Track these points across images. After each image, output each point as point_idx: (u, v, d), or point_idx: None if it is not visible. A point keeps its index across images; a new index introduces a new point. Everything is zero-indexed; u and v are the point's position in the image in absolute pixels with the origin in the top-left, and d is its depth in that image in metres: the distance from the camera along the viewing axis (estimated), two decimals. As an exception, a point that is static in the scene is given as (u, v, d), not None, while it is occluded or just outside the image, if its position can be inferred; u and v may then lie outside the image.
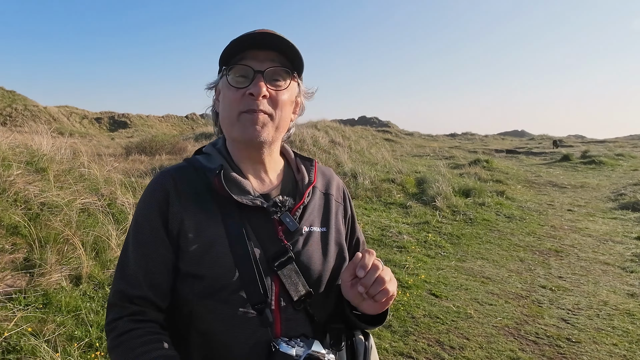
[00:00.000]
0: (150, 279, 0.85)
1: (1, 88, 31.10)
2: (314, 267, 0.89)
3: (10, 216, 3.41)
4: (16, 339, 2.36)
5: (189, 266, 0.84)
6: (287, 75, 0.89)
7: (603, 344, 3.02)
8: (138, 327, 0.82)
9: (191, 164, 0.93)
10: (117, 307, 0.85)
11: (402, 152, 17.39)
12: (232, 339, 0.82)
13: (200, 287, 0.83)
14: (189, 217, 0.85)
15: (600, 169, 12.95)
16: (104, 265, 3.41)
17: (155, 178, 0.92)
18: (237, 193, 0.86)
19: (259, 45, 0.87)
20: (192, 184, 0.89)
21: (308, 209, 0.94)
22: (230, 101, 0.87)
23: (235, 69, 0.87)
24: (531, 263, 4.81)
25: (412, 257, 4.79)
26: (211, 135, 14.89)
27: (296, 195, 0.94)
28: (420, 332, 3.11)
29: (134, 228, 0.89)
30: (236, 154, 0.94)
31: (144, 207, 0.89)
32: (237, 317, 0.82)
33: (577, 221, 6.80)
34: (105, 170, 5.56)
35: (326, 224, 0.96)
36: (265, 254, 0.85)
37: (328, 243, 0.94)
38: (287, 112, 0.92)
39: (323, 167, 1.06)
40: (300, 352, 0.79)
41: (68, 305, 2.79)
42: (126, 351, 0.79)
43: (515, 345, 2.96)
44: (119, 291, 0.85)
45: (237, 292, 0.82)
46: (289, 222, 0.88)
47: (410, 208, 6.99)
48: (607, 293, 3.96)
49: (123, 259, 0.88)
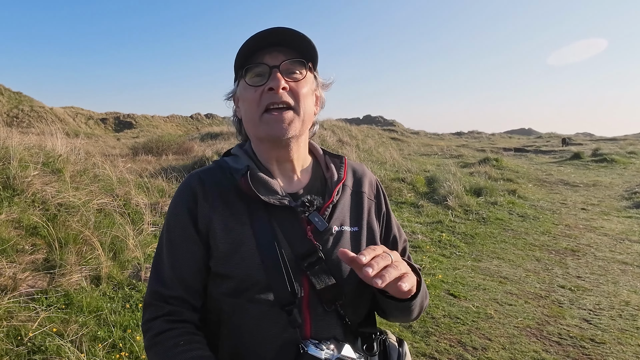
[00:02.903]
0: (185, 279, 0.85)
1: (8, 89, 31.35)
2: (345, 268, 0.87)
3: (29, 217, 3.42)
4: (41, 339, 2.37)
5: (217, 266, 0.84)
6: (303, 66, 0.88)
7: (628, 344, 2.97)
8: (173, 327, 0.82)
9: (219, 165, 0.93)
10: (153, 307, 0.86)
11: (409, 151, 17.33)
12: (260, 339, 0.82)
13: (229, 287, 0.83)
14: (217, 217, 0.85)
15: (612, 167, 12.80)
16: (122, 266, 3.41)
17: (184, 181, 0.93)
18: (264, 193, 0.85)
19: (270, 44, 0.85)
20: (219, 184, 0.89)
21: (338, 207, 0.91)
22: (251, 101, 0.86)
23: (250, 70, 0.86)
24: (548, 263, 4.76)
25: (427, 256, 4.76)
26: (217, 135, 14.91)
27: (325, 193, 0.92)
28: (441, 333, 3.08)
29: (166, 230, 0.89)
30: (263, 155, 0.92)
31: (174, 208, 0.89)
32: (266, 317, 0.82)
33: (591, 220, 6.72)
34: (118, 171, 5.58)
35: (358, 223, 0.94)
36: (294, 254, 0.84)
37: (360, 243, 0.92)
38: (310, 105, 0.90)
39: (354, 163, 1.03)
40: (329, 356, 0.76)
41: (89, 305, 2.79)
42: (163, 351, 0.80)
43: (539, 346, 2.92)
44: (155, 292, 0.86)
45: (266, 292, 0.82)
46: (317, 221, 0.86)
47: (422, 207, 6.95)
48: (628, 293, 3.90)
49: (157, 260, 0.89)
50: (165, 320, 0.83)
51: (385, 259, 0.72)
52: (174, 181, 6.24)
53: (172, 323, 0.83)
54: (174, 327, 0.82)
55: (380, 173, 8.76)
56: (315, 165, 0.98)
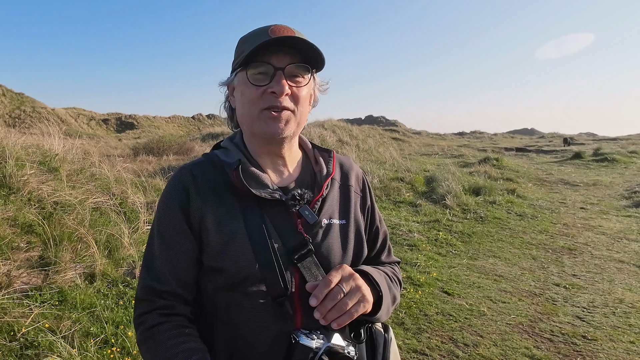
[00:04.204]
0: (177, 273, 0.86)
1: (10, 90, 31.54)
2: (334, 260, 0.89)
3: (24, 215, 3.45)
4: (34, 335, 2.39)
5: (210, 260, 0.85)
6: (307, 71, 0.89)
7: (620, 341, 2.97)
8: (166, 320, 0.83)
9: (209, 159, 0.93)
10: (145, 301, 0.86)
11: (410, 151, 17.31)
12: (253, 330, 0.83)
13: (221, 280, 0.84)
14: (209, 211, 0.86)
15: (613, 167, 12.74)
16: (116, 264, 3.44)
17: (174, 175, 0.92)
18: (255, 187, 0.86)
19: (278, 43, 0.85)
20: (210, 179, 0.89)
21: (327, 201, 0.93)
22: (251, 99, 0.86)
23: (254, 66, 0.85)
24: (544, 261, 4.75)
25: (423, 255, 4.77)
26: (218, 136, 14.94)
27: (315, 187, 0.94)
28: (433, 330, 3.09)
29: (157, 224, 0.90)
30: (255, 149, 0.93)
31: (165, 203, 0.89)
32: (258, 309, 0.83)
33: (590, 219, 6.70)
34: (116, 170, 5.62)
35: (346, 216, 0.96)
36: (285, 247, 0.85)
37: (347, 235, 0.94)
38: (307, 107, 0.92)
39: (342, 157, 1.05)
40: (320, 345, 0.79)
41: (83, 302, 2.82)
42: (155, 344, 0.81)
43: (530, 343, 2.93)
44: (147, 286, 0.86)
45: (258, 285, 0.83)
46: (308, 214, 0.88)
47: (420, 206, 6.95)
48: (622, 291, 3.89)
49: (148, 254, 0.89)
50: (158, 314, 0.84)
51: (333, 298, 0.80)
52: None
53: (164, 317, 0.84)
54: (167, 320, 0.83)
55: (380, 172, 8.76)
56: (304, 160, 1.00)
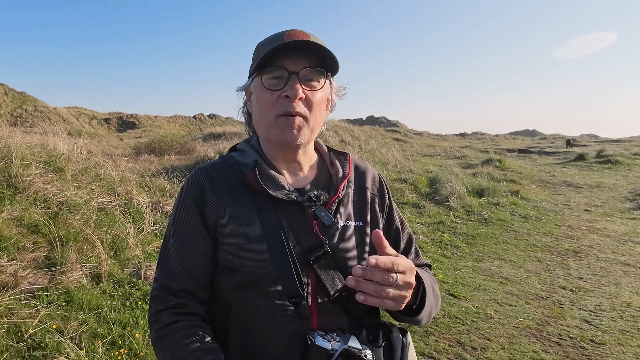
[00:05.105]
0: (192, 272, 0.86)
1: (12, 89, 31.55)
2: (350, 261, 0.89)
3: (30, 215, 3.44)
4: (41, 336, 2.38)
5: (226, 259, 0.86)
6: (322, 75, 0.89)
7: (629, 345, 2.95)
8: (180, 319, 0.83)
9: (226, 160, 0.94)
10: (160, 299, 0.87)
11: (412, 152, 17.30)
12: (269, 331, 0.83)
13: (237, 280, 0.85)
14: (225, 212, 0.86)
15: (616, 169, 12.71)
16: (122, 264, 3.43)
17: (191, 175, 0.94)
18: (271, 188, 0.87)
19: (292, 47, 0.85)
20: (227, 179, 0.90)
21: (343, 203, 0.93)
22: (266, 104, 0.87)
23: (269, 70, 0.86)
24: (549, 264, 4.74)
25: (428, 257, 4.75)
26: (219, 136, 14.93)
27: (330, 189, 0.94)
28: (440, 333, 3.07)
29: (173, 223, 0.90)
30: (271, 153, 0.94)
31: (181, 203, 0.90)
32: (274, 310, 0.83)
33: (594, 221, 6.68)
34: (120, 170, 5.61)
35: (362, 218, 0.95)
36: (301, 248, 0.86)
37: (364, 237, 0.94)
38: (321, 112, 0.92)
39: (358, 160, 1.06)
40: (336, 347, 0.78)
41: (89, 303, 2.81)
42: (169, 343, 0.81)
43: (538, 347, 2.91)
44: (162, 284, 0.87)
45: (274, 285, 0.83)
46: (324, 216, 0.88)
47: (424, 208, 6.94)
48: (629, 294, 3.87)
49: (164, 253, 0.90)
50: (173, 313, 0.84)
51: (384, 279, 0.72)
52: (175, 181, 6.26)
53: (179, 315, 0.84)
54: (181, 319, 0.83)
55: (383, 174, 8.73)
56: (320, 162, 1.01)
